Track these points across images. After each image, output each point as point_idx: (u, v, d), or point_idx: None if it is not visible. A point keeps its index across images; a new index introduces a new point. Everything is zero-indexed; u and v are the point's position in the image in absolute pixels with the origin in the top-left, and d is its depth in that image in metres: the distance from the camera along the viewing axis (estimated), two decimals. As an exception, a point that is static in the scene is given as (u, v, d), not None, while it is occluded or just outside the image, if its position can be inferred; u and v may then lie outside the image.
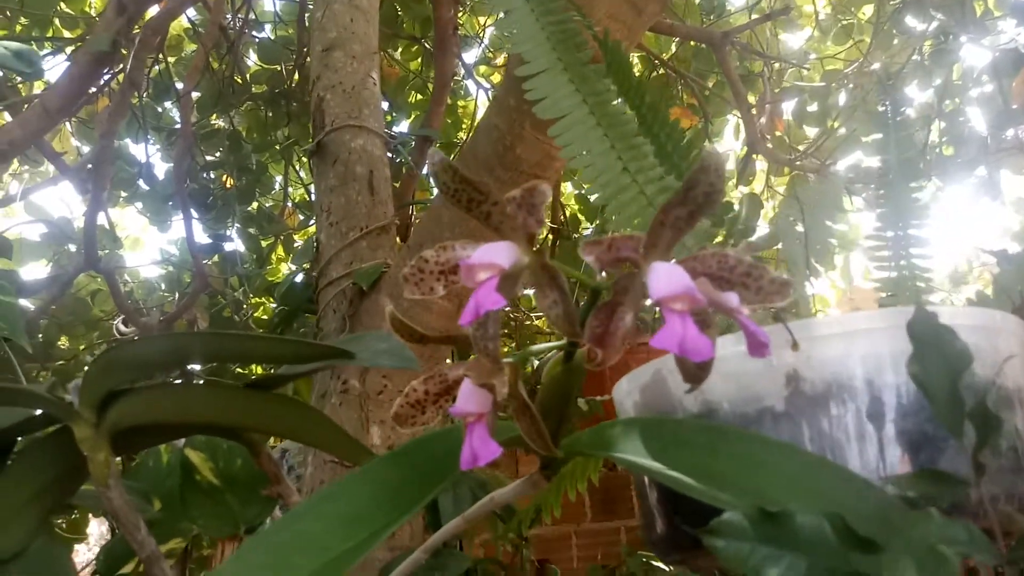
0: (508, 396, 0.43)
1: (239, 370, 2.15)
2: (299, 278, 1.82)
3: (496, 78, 3.07)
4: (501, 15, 0.78)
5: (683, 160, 0.70)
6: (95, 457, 0.57)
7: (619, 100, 0.75)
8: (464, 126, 2.99)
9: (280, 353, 0.56)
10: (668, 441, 0.57)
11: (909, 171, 0.84)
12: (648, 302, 0.40)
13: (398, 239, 1.53)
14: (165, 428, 0.65)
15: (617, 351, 0.40)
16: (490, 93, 2.82)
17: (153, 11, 2.01)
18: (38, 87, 2.45)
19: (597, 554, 1.87)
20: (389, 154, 1.65)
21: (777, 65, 2.76)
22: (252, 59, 2.89)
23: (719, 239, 0.66)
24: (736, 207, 0.66)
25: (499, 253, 0.41)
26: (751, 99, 2.50)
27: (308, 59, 2.57)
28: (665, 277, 0.38)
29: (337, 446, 0.62)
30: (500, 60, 3.07)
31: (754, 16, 2.27)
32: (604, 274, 0.41)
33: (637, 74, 0.76)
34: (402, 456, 0.53)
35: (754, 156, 2.48)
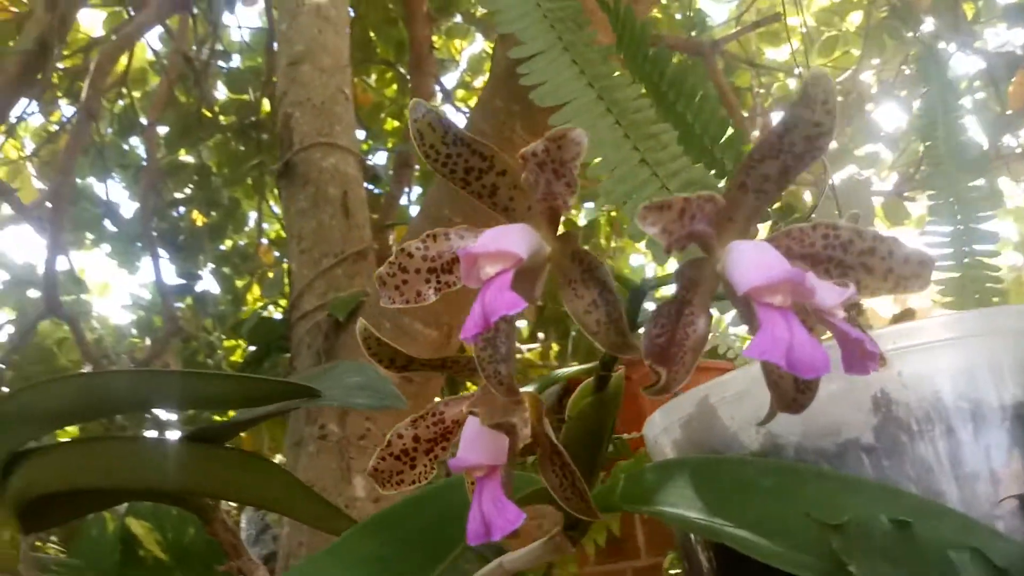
0: (532, 438, 0.31)
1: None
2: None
3: (474, 103, 2.99)
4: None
5: (716, 142, 0.59)
6: (-6, 538, 0.44)
7: (632, 83, 0.64)
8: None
9: (222, 393, 0.43)
10: (727, 488, 0.45)
11: (963, 155, 0.73)
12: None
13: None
14: (90, 495, 0.52)
15: (687, 370, 0.28)
16: (468, 117, 2.73)
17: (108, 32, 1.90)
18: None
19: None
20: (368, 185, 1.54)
21: (764, 78, 2.70)
22: (222, 92, 2.77)
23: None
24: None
25: (513, 238, 0.29)
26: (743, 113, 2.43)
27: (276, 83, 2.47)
28: (754, 260, 0.27)
29: (306, 511, 0.49)
30: (479, 83, 2.99)
31: (740, 27, 2.20)
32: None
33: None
34: (384, 525, 0.40)
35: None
